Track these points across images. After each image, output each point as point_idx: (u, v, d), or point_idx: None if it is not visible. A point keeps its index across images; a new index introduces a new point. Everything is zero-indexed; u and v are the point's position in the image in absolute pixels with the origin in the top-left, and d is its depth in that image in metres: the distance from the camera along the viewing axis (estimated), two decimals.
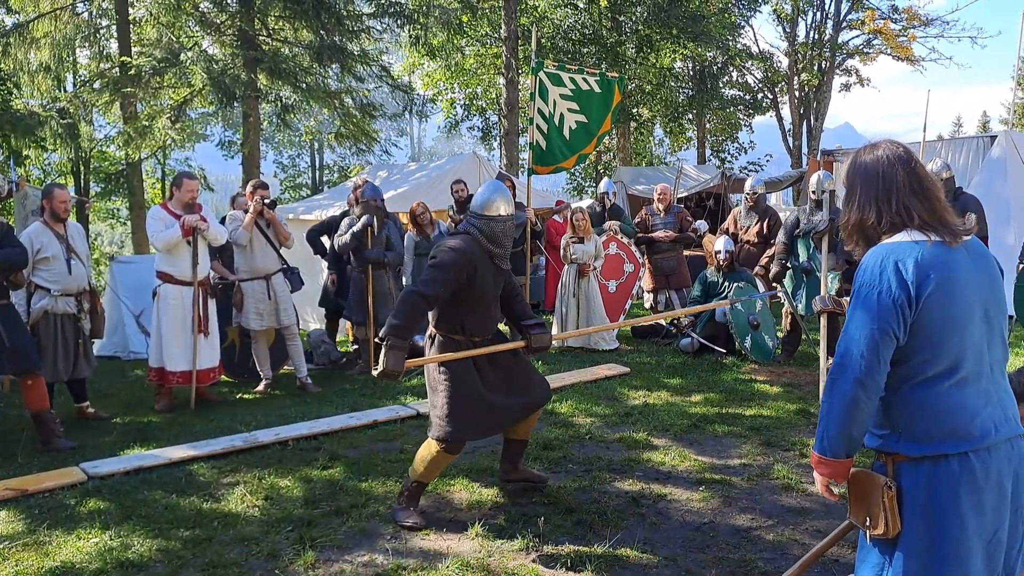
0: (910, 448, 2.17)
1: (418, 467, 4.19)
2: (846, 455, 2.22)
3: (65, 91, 18.77)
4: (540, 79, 8.40)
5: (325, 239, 8.88)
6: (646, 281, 9.76)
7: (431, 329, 4.28)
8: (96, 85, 16.14)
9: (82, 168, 21.57)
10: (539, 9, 19.84)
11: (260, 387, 7.45)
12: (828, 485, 2.31)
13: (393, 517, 4.18)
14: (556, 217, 11.88)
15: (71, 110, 14.81)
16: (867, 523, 2.23)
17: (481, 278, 4.16)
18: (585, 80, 8.64)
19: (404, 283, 8.87)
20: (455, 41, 18.82)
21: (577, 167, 26.05)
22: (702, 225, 12.42)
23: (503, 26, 17.48)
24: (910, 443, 2.17)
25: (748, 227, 9.57)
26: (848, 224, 2.29)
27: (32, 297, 6.13)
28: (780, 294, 8.14)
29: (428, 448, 4.15)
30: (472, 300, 4.17)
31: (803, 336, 8.17)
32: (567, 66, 8.94)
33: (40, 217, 6.28)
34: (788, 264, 7.81)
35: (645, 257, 9.70)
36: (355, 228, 7.64)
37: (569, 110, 8.61)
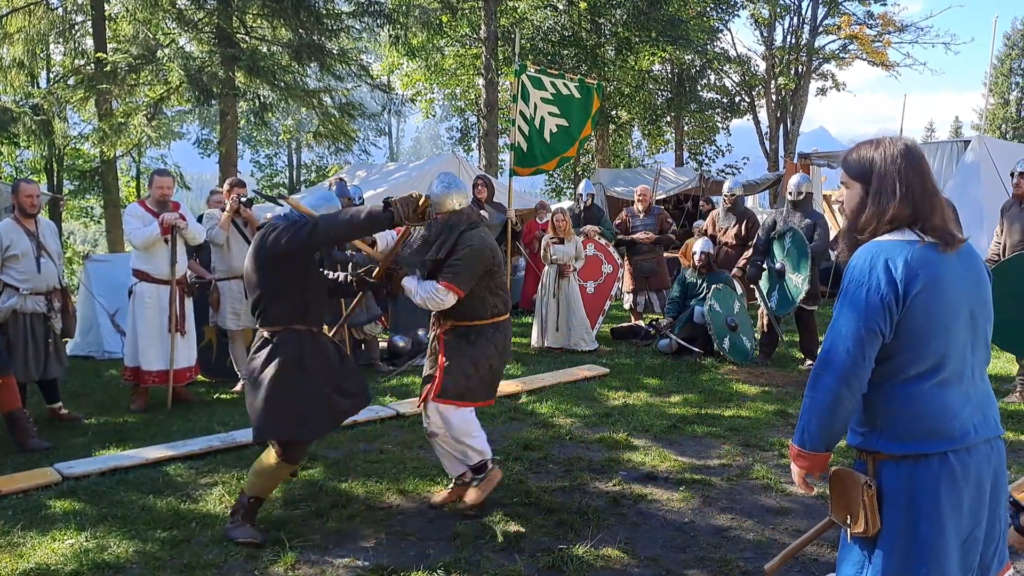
0: (891, 447, 2.18)
1: (255, 481, 3.94)
2: (825, 449, 2.23)
3: (39, 87, 18.53)
4: (523, 82, 8.42)
5: None
6: (626, 282, 9.79)
7: (266, 331, 3.91)
8: (71, 81, 15.92)
9: (55, 165, 21.27)
10: (519, 11, 19.86)
11: (238, 387, 7.38)
12: (805, 478, 2.31)
13: (227, 535, 3.91)
14: (536, 218, 11.88)
15: (45, 106, 14.61)
16: (848, 521, 2.24)
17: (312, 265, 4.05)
18: (566, 85, 8.69)
19: None
20: (435, 41, 18.79)
21: (556, 168, 26.13)
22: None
23: (483, 27, 17.47)
24: (891, 441, 2.18)
25: (726, 229, 9.64)
26: (882, 215, 2.18)
27: (0, 296, 6.02)
28: (756, 295, 8.21)
29: (268, 458, 3.91)
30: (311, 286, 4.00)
31: (779, 338, 8.23)
32: (548, 70, 8.96)
33: (12, 214, 6.18)
34: (764, 266, 7.87)
35: (625, 258, 9.73)
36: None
37: (550, 114, 8.64)
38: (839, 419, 2.19)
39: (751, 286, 8.48)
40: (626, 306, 10.04)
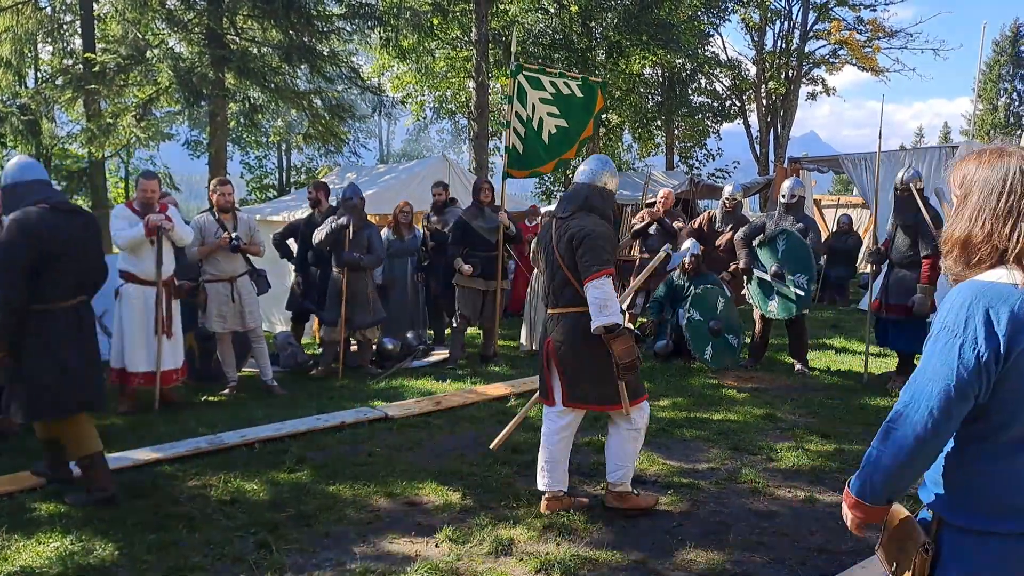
0: (961, 518, 1.92)
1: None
2: (887, 503, 1.99)
3: (26, 87, 18.43)
4: (519, 82, 8.32)
5: (291, 242, 8.83)
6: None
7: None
8: (59, 81, 15.83)
9: (43, 165, 21.16)
10: (510, 13, 19.87)
11: (225, 390, 7.36)
12: (860, 526, 2.06)
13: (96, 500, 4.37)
14: (526, 221, 11.88)
15: (32, 106, 14.55)
16: (893, 567, 2.03)
17: None
18: (566, 84, 8.55)
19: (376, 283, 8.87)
20: (425, 44, 18.78)
21: (554, 170, 26.13)
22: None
23: (474, 30, 17.47)
24: (962, 512, 1.92)
25: (722, 232, 9.63)
26: (951, 237, 1.95)
27: None
28: (748, 298, 8.21)
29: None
30: None
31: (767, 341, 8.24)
32: (547, 69, 8.85)
33: None
34: (753, 267, 7.87)
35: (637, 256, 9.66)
36: (333, 224, 7.58)
37: (549, 114, 8.52)
38: (908, 478, 1.93)
39: (742, 292, 8.48)
40: (623, 305, 9.99)
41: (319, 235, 7.70)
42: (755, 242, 7.90)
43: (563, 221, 4.28)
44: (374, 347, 8.58)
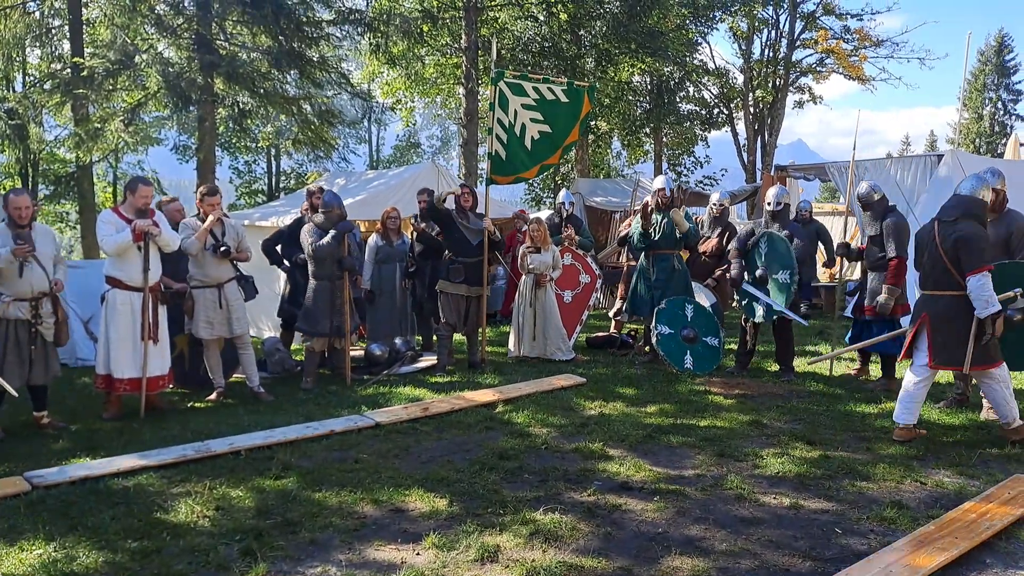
0: None
1: None
2: None
3: (14, 91, 18.35)
4: (500, 89, 8.36)
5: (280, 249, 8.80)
6: (620, 289, 9.77)
7: None
8: (47, 86, 15.77)
9: (30, 170, 21.07)
10: (499, 21, 19.90)
11: (212, 396, 7.34)
12: None
13: None
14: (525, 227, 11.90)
15: (20, 110, 14.47)
16: None
17: None
18: (550, 90, 8.57)
19: (366, 286, 8.88)
20: (415, 50, 18.78)
21: (536, 177, 26.17)
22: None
23: (463, 37, 17.50)
24: None
25: (707, 238, 9.70)
26: None
27: None
28: (737, 304, 8.24)
29: None
30: None
31: (754, 347, 8.26)
32: (530, 75, 8.87)
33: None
34: (745, 276, 7.91)
35: (625, 263, 9.70)
36: (335, 231, 7.51)
37: (532, 120, 8.55)
38: None
39: (731, 301, 8.52)
40: (610, 314, 10.02)
41: (318, 242, 7.54)
42: (748, 244, 7.97)
43: (947, 224, 5.36)
44: (360, 353, 8.58)
